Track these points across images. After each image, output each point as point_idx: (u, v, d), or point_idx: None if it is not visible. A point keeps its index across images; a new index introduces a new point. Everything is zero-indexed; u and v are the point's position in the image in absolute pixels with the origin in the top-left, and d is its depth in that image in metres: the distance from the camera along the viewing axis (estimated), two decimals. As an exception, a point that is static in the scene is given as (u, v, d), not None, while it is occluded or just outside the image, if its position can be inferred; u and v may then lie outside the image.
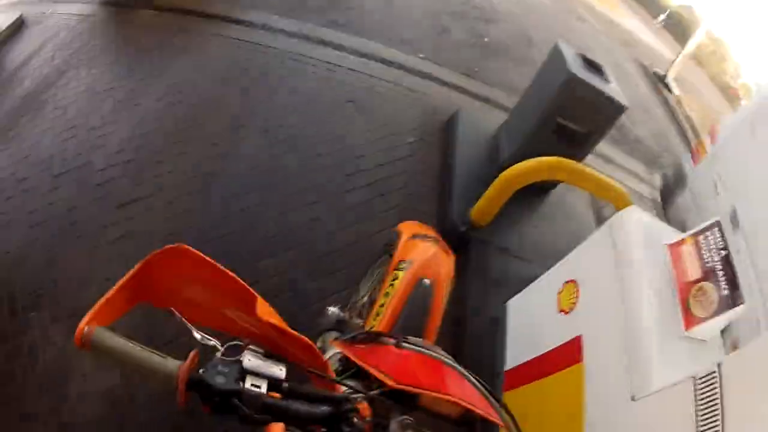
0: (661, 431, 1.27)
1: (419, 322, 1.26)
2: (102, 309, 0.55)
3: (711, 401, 1.14)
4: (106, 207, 2.51)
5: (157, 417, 1.79)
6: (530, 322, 2.11)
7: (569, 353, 1.69)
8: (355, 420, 0.57)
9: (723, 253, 1.46)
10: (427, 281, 1.29)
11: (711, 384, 1.15)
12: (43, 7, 4.13)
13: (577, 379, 1.60)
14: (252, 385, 0.54)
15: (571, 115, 2.73)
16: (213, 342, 0.57)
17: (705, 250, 1.50)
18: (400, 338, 0.79)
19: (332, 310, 1.79)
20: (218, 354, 0.55)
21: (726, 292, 1.38)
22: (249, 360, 0.55)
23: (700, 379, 1.18)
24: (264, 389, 0.54)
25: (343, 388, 0.66)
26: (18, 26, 3.88)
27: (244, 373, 0.54)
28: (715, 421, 1.12)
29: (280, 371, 0.56)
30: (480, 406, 0.65)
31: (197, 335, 0.58)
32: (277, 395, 0.56)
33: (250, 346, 0.57)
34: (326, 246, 2.56)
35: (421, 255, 1.38)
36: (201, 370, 0.53)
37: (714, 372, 1.15)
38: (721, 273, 1.42)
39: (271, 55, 3.77)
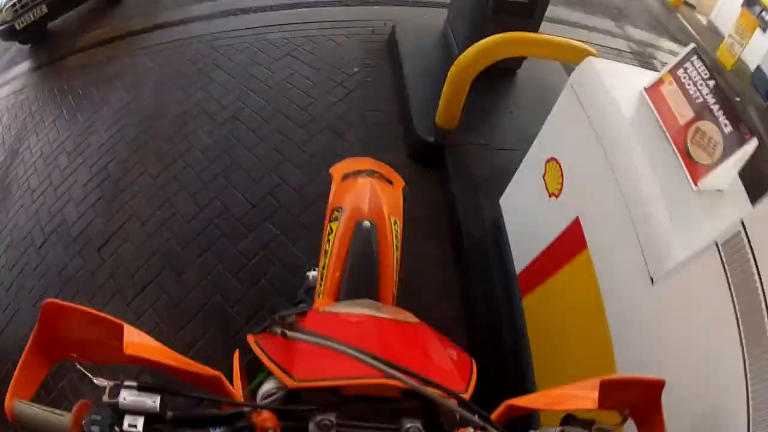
0: (692, 310, 1.02)
1: (368, 271, 1.09)
2: (20, 379, 0.52)
3: (743, 266, 0.89)
4: (89, 254, 2.52)
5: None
6: (525, 216, 1.86)
7: (572, 240, 1.43)
8: None
9: (711, 83, 1.17)
10: (366, 223, 1.11)
11: (738, 246, 0.90)
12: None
13: (588, 268, 1.35)
14: (129, 425, 0.50)
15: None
16: (104, 383, 0.53)
17: (689, 85, 1.21)
18: (285, 328, 0.68)
19: (311, 274, 1.66)
20: (104, 398, 0.52)
21: (729, 127, 1.10)
22: (124, 399, 0.51)
23: (724, 243, 0.92)
24: (140, 427, 0.51)
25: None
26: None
27: (121, 414, 0.51)
28: (752, 289, 0.86)
29: (153, 403, 0.52)
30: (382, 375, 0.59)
31: (95, 380, 0.53)
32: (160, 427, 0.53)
33: (125, 383, 0.52)
34: (299, 204, 2.50)
35: (355, 196, 1.19)
36: (83, 422, 0.50)
37: (739, 231, 0.90)
38: (716, 106, 1.14)
39: (196, 44, 3.65)
